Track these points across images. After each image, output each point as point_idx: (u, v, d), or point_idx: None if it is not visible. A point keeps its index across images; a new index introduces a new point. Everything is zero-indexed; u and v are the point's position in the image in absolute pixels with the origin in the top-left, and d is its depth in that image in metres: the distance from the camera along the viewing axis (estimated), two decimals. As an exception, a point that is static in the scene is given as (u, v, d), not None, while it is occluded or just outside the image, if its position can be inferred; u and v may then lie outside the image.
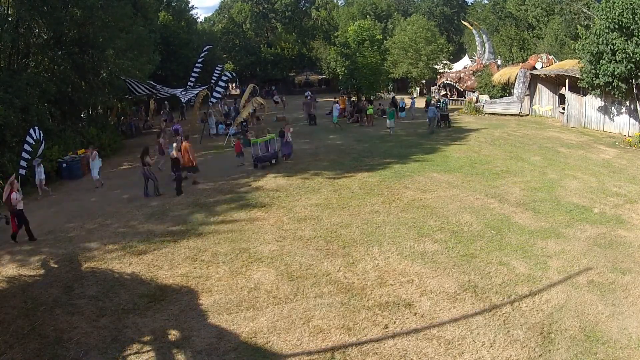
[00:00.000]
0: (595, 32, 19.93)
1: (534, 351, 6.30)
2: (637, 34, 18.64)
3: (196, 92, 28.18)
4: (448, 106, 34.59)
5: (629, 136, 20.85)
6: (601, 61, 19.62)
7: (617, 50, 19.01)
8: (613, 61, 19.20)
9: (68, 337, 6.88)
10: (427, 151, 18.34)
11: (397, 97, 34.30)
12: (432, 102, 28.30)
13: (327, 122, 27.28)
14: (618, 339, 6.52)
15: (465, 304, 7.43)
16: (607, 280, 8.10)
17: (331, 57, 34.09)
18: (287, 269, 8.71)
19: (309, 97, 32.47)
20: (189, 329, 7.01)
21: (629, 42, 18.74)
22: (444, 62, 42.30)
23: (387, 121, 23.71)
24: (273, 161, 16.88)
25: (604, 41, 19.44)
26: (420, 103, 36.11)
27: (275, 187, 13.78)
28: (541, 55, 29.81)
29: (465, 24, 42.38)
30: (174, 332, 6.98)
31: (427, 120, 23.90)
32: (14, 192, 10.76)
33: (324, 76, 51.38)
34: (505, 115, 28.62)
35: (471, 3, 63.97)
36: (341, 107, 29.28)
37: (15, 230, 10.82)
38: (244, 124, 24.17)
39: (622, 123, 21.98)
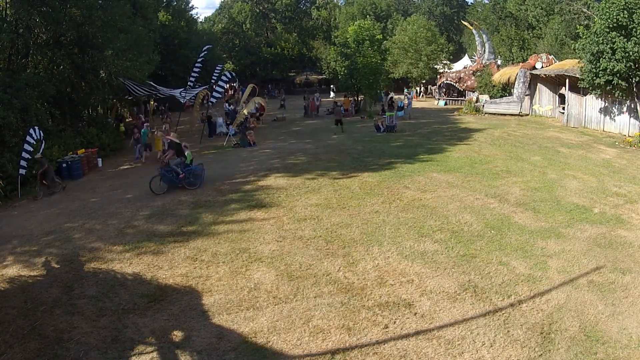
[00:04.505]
0: (596, 31, 19.95)
1: (534, 351, 6.30)
2: (635, 33, 18.69)
3: (196, 92, 28.19)
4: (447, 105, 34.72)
5: (629, 136, 20.86)
6: (601, 60, 19.65)
7: (616, 49, 19.04)
8: (613, 60, 19.24)
9: (68, 337, 6.88)
10: (427, 151, 18.34)
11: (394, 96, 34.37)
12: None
13: (329, 122, 27.33)
14: (618, 339, 6.52)
15: (465, 304, 7.43)
16: (607, 280, 8.10)
17: (331, 57, 34.09)
18: (287, 269, 8.70)
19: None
20: (189, 329, 7.01)
21: (627, 41, 18.78)
22: (444, 62, 42.32)
23: (387, 120, 23.92)
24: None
25: (604, 40, 19.46)
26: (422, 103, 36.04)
27: (275, 187, 13.77)
28: (541, 55, 29.82)
29: (465, 23, 42.38)
30: (174, 332, 6.98)
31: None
32: None
33: (324, 76, 51.38)
34: (505, 115, 28.62)
35: (471, 3, 63.99)
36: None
37: None
38: (244, 124, 24.15)
39: (622, 123, 21.99)
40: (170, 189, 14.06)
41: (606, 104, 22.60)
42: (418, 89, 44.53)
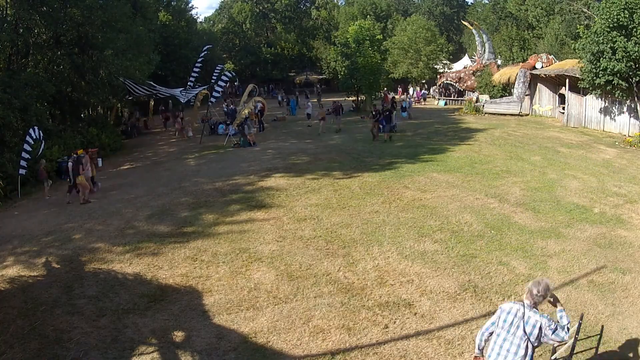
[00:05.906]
0: (596, 31, 19.96)
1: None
2: (635, 32, 18.69)
3: (196, 92, 28.19)
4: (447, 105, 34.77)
5: (629, 136, 20.86)
6: (601, 59, 19.65)
7: (617, 49, 19.04)
8: (613, 59, 19.24)
9: (68, 337, 6.87)
10: (427, 151, 18.35)
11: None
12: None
13: (329, 123, 27.31)
14: (618, 339, 6.51)
15: (465, 304, 7.43)
16: (607, 280, 8.10)
17: (331, 57, 34.11)
18: (287, 269, 8.70)
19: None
20: (189, 329, 7.00)
21: (628, 41, 18.79)
22: (444, 62, 42.35)
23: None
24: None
25: (604, 40, 19.47)
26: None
27: (275, 187, 13.78)
28: (541, 55, 29.85)
29: (465, 23, 42.40)
30: (174, 332, 6.98)
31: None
32: None
33: (324, 76, 51.38)
34: (505, 115, 28.64)
35: (471, 3, 64.04)
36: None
37: None
38: (244, 123, 24.10)
39: (622, 123, 21.99)
40: (170, 190, 14.05)
41: (606, 104, 22.60)
42: (419, 88, 44.36)
